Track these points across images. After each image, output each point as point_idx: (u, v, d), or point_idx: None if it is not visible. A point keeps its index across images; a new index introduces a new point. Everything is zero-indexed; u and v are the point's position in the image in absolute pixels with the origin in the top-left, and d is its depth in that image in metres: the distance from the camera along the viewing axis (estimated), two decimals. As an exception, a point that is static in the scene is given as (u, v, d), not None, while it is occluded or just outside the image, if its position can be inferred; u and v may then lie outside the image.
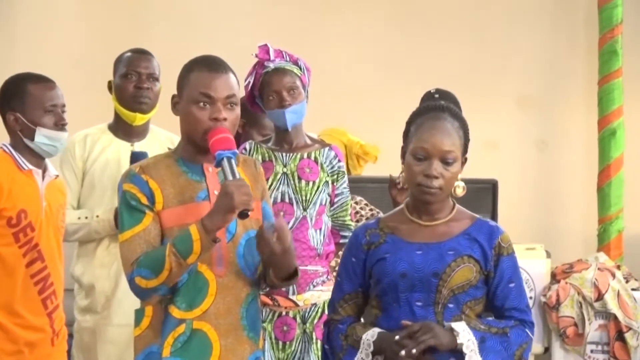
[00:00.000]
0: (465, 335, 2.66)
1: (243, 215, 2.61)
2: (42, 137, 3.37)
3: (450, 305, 2.71)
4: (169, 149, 3.92)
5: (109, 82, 3.99)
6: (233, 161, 2.64)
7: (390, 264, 2.72)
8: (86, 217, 3.86)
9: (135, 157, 3.72)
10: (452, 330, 2.67)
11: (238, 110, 2.75)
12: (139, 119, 3.94)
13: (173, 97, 2.78)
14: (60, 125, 3.40)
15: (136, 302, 3.71)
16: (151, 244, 2.65)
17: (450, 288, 2.70)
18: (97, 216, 3.82)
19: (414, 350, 2.61)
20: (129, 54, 3.98)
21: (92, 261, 3.93)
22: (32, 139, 3.37)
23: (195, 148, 2.74)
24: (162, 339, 2.68)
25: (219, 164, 2.65)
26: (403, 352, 2.61)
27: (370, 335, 2.72)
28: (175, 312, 2.68)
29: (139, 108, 3.92)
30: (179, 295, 2.67)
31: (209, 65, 2.74)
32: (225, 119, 2.69)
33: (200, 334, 2.67)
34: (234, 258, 2.71)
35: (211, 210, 2.61)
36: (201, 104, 2.69)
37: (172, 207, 2.68)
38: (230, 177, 2.62)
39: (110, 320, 3.86)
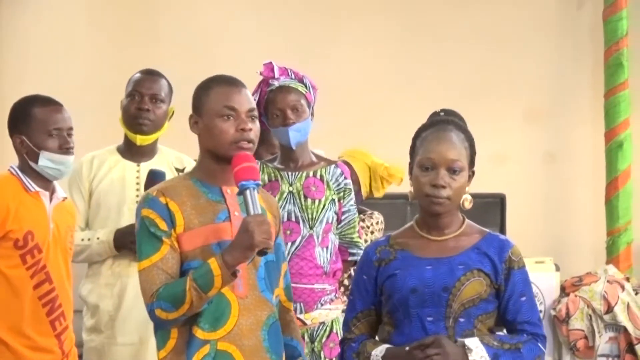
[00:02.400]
0: (478, 352, 2.65)
1: (262, 253, 2.62)
2: (46, 161, 3.37)
3: (462, 320, 2.70)
4: (177, 169, 3.91)
5: (121, 102, 3.98)
6: (255, 192, 2.65)
7: (401, 279, 2.72)
8: (89, 239, 3.86)
9: (153, 175, 3.71)
10: (464, 346, 2.65)
11: (258, 124, 2.78)
12: (139, 139, 3.91)
13: (191, 117, 2.78)
14: (64, 149, 3.39)
15: (139, 322, 3.71)
16: (169, 274, 2.65)
17: (460, 302, 2.70)
18: (98, 238, 3.82)
19: None
20: (137, 75, 3.96)
21: (98, 280, 3.92)
22: (37, 162, 3.37)
23: (216, 166, 2.74)
24: None
25: (241, 193, 2.65)
26: None
27: (379, 350, 2.72)
28: (199, 332, 2.66)
29: (139, 129, 3.89)
30: (202, 315, 2.65)
31: (228, 81, 2.77)
32: (251, 130, 2.72)
33: (226, 355, 2.66)
34: (254, 280, 2.72)
35: (231, 245, 2.61)
36: (225, 117, 2.72)
37: (194, 228, 2.68)
38: (251, 211, 2.62)
39: (114, 339, 3.84)
